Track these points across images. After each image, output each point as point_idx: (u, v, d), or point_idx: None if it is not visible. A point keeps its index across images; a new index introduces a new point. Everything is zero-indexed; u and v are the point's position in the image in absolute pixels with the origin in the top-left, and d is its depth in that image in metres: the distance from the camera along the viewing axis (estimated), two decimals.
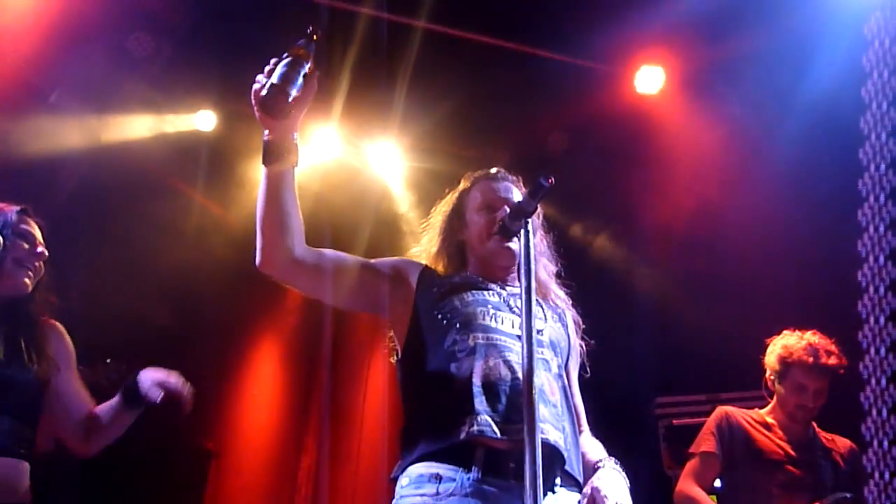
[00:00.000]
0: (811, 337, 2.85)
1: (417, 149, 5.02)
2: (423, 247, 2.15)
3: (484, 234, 1.99)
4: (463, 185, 2.17)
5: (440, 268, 2.05)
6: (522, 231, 1.65)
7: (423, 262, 2.08)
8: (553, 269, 2.11)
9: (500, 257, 1.98)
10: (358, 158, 5.05)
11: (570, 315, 2.09)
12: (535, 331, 1.58)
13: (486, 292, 1.93)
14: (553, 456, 1.70)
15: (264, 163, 1.73)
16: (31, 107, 3.92)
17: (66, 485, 3.69)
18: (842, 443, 2.95)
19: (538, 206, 1.69)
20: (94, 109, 4.24)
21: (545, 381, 1.79)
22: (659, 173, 4.47)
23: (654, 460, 4.18)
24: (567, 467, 1.74)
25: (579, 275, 2.21)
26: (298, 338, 6.09)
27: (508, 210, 1.73)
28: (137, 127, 4.47)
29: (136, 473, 4.52)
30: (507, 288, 1.99)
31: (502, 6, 4.16)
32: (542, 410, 1.68)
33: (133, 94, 4.35)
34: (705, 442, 2.87)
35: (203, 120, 4.71)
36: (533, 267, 1.62)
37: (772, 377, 2.92)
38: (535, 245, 1.89)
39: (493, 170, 2.15)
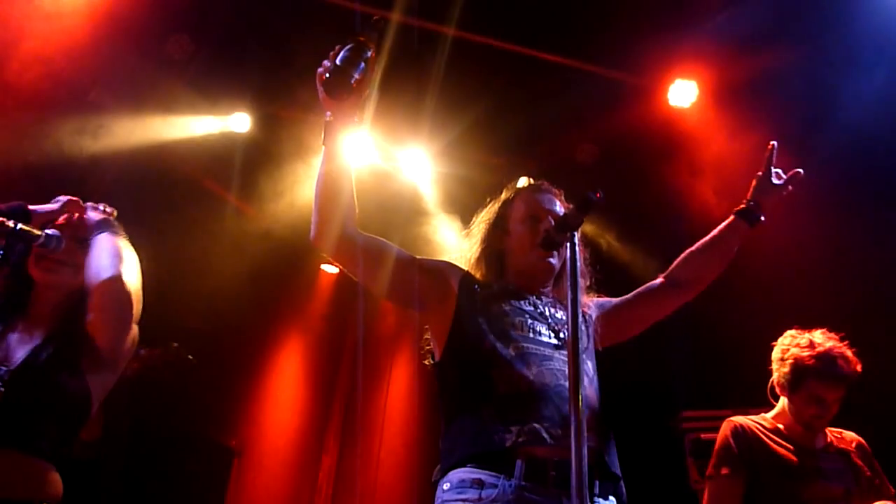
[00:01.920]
0: (824, 341, 2.58)
1: (447, 155, 5.04)
2: (463, 253, 2.16)
3: (526, 245, 2.02)
4: (506, 194, 2.19)
5: (478, 275, 2.07)
6: (568, 243, 1.65)
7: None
8: (584, 284, 2.12)
9: (539, 269, 2.01)
10: (389, 164, 5.08)
11: (594, 314, 2.12)
12: (580, 342, 1.58)
13: (523, 302, 1.96)
14: (595, 462, 1.73)
15: (324, 142, 1.85)
16: (72, 106, 4.02)
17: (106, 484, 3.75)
18: (850, 437, 2.71)
19: (583, 219, 1.68)
20: (131, 110, 4.32)
21: (587, 388, 1.83)
22: (690, 186, 4.45)
23: (682, 475, 4.14)
24: (611, 469, 1.79)
25: (609, 287, 2.22)
26: (322, 339, 6.15)
27: (554, 222, 1.74)
28: (174, 128, 4.55)
29: (161, 471, 4.58)
30: (543, 298, 2.02)
31: (536, 15, 4.17)
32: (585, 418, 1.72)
33: (170, 96, 4.43)
34: (724, 462, 2.61)
35: (238, 122, 4.78)
36: (579, 281, 1.62)
37: (781, 383, 2.65)
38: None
39: (538, 181, 2.20)
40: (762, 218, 2.19)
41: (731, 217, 2.19)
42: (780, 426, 2.66)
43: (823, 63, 3.80)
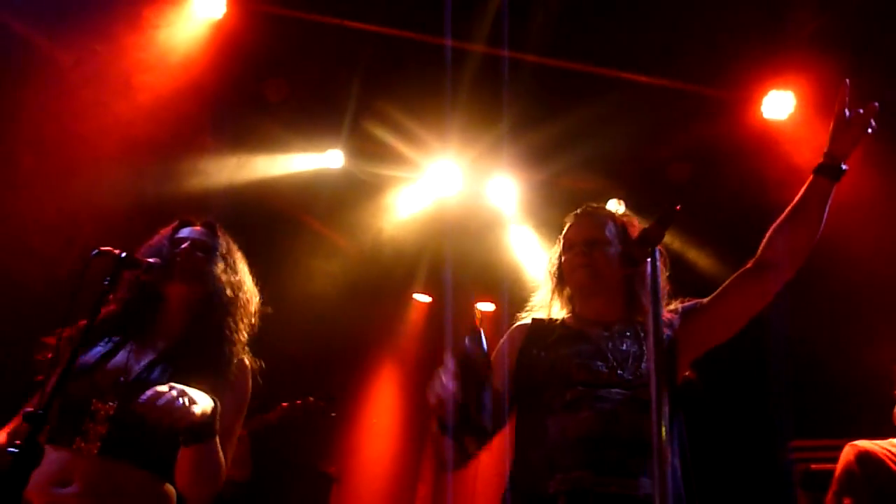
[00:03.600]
0: None
1: (536, 182, 5.05)
2: (541, 295, 2.21)
3: (570, 275, 2.08)
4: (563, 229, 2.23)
5: (552, 311, 2.13)
6: (650, 259, 1.58)
7: (538, 312, 2.16)
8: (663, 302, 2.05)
9: (590, 295, 2.05)
10: (477, 193, 5.12)
11: (678, 324, 2.02)
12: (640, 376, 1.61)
13: (583, 343, 1.96)
14: None
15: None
16: (180, 148, 4.30)
17: None
18: None
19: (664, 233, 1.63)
20: (233, 150, 4.58)
21: (643, 427, 1.74)
22: (789, 200, 4.25)
23: None
24: None
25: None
26: (418, 366, 6.21)
27: (636, 237, 1.68)
28: (272, 166, 4.78)
29: (262, 498, 4.72)
30: (610, 329, 2.00)
31: (619, 36, 4.14)
32: (637, 462, 1.72)
33: (268, 136, 4.66)
34: (846, 490, 2.45)
35: (331, 158, 4.96)
36: (658, 305, 1.53)
37: None
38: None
39: (584, 207, 2.20)
40: (844, 167, 1.95)
41: (811, 177, 1.97)
42: None
43: None
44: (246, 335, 2.14)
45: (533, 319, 2.13)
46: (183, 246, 2.08)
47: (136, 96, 3.82)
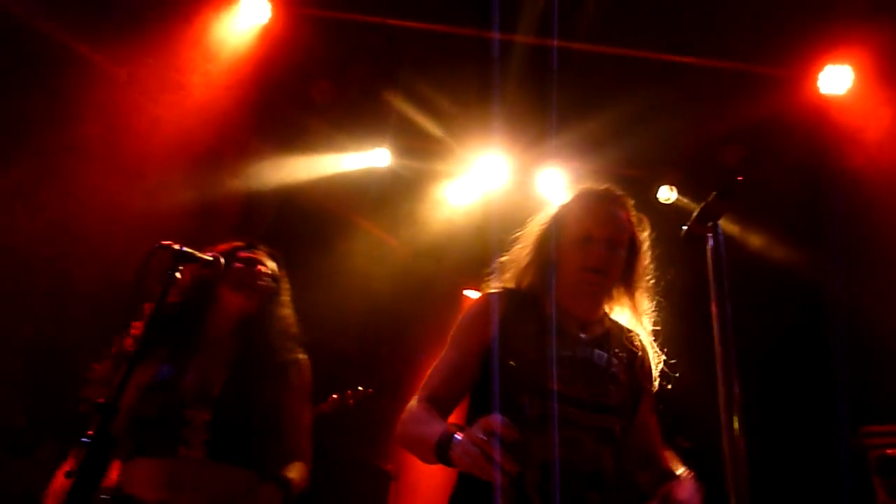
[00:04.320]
0: None
1: (585, 172, 4.98)
2: (513, 256, 2.03)
3: (573, 266, 1.89)
4: (567, 199, 2.04)
5: (525, 282, 1.96)
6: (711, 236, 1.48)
7: (508, 276, 1.99)
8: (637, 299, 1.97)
9: (582, 293, 1.90)
10: (525, 185, 5.08)
11: (646, 357, 1.95)
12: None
13: (563, 348, 1.82)
14: None
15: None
16: (232, 151, 4.39)
17: None
18: None
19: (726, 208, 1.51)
20: (282, 151, 4.65)
21: (601, 461, 1.73)
22: (851, 180, 4.10)
23: (866, 496, 3.76)
24: None
25: (762, 293, 2.06)
26: None
27: (696, 213, 1.53)
28: (321, 166, 4.84)
29: (319, 495, 4.78)
30: (588, 331, 1.90)
31: (665, 20, 4.06)
32: (593, 497, 1.66)
33: (316, 137, 4.72)
34: None
35: (378, 157, 4.99)
36: (721, 285, 1.44)
37: None
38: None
39: (603, 189, 2.01)
40: None
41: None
42: None
43: None
44: (296, 340, 2.29)
45: (507, 291, 1.94)
46: (245, 256, 2.24)
47: (187, 101, 3.91)
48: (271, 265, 2.32)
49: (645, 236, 2.00)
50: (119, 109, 3.86)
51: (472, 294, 6.25)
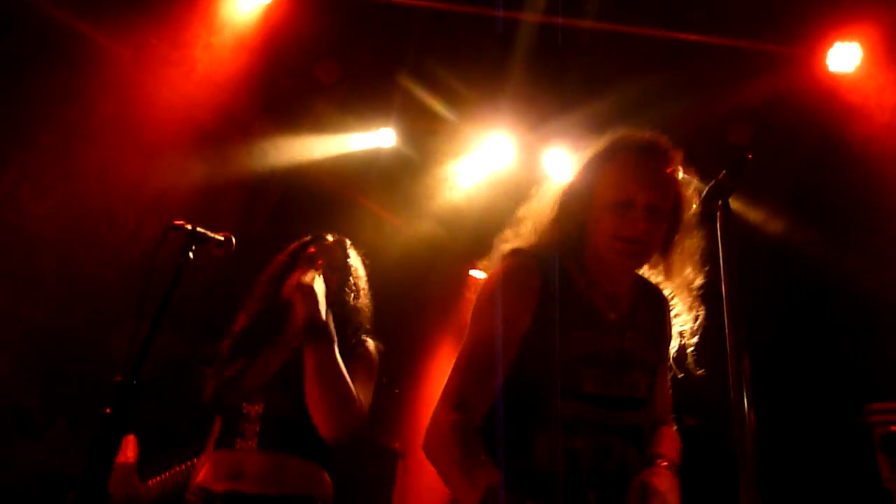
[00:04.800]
0: None
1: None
2: (532, 214, 1.79)
3: (608, 232, 1.66)
4: (601, 147, 1.74)
5: (545, 239, 1.72)
6: (720, 213, 1.43)
7: (526, 231, 1.77)
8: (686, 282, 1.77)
9: (615, 266, 1.70)
10: (532, 165, 5.07)
11: (669, 328, 1.82)
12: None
13: (597, 337, 1.66)
14: None
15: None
16: (238, 132, 4.39)
17: None
18: None
19: (737, 185, 1.44)
20: (288, 132, 4.64)
21: (627, 460, 1.63)
22: (860, 160, 4.08)
23: (870, 473, 3.79)
24: None
25: (769, 274, 2.06)
26: None
27: (706, 191, 1.46)
28: (326, 146, 4.82)
29: (331, 474, 4.83)
30: (617, 307, 1.72)
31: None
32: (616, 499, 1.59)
33: (322, 117, 4.71)
34: None
35: (383, 137, 4.97)
36: (729, 263, 1.38)
37: None
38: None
39: (648, 140, 1.73)
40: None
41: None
42: None
43: None
44: (366, 322, 2.48)
45: (539, 262, 1.67)
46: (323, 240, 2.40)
47: (191, 83, 3.90)
48: (340, 254, 2.43)
49: (691, 195, 1.74)
50: (124, 89, 3.86)
51: (479, 274, 6.25)
